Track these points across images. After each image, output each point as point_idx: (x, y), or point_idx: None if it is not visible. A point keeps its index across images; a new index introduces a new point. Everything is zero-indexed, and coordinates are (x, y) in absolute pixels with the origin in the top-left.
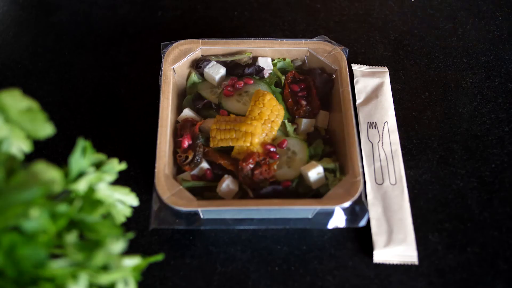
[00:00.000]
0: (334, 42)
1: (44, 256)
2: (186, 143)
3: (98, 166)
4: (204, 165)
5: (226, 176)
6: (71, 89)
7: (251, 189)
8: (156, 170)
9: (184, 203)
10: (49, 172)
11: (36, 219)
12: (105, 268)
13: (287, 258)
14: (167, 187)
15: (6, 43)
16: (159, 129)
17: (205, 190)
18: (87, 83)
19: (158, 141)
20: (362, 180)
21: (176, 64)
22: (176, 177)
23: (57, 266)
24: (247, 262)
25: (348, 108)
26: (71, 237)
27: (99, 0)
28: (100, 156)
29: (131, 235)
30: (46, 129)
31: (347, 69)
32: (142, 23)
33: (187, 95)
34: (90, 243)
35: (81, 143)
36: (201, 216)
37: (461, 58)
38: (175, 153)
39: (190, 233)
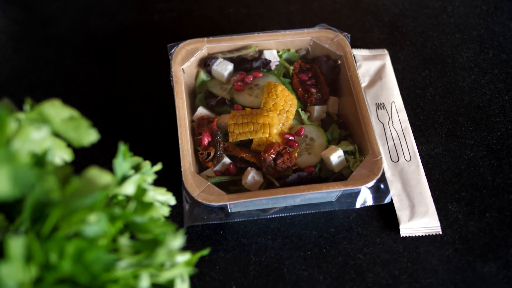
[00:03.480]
0: (335, 29)
1: (113, 259)
2: (206, 140)
3: (136, 168)
4: (226, 160)
5: (249, 168)
6: (80, 99)
7: (276, 178)
8: (182, 169)
9: (215, 198)
10: (103, 177)
11: (97, 223)
12: (162, 266)
13: (317, 241)
14: (196, 185)
15: (7, 59)
16: (179, 129)
17: (230, 185)
18: (95, 91)
19: (180, 141)
20: (385, 159)
21: (185, 64)
22: (200, 174)
23: (122, 268)
24: (279, 250)
25: (358, 91)
26: (125, 240)
27: (94, 9)
28: (137, 159)
29: (182, 231)
30: (90, 136)
31: (352, 54)
32: (141, 27)
33: (198, 94)
34: (147, 243)
35: (122, 147)
36: (229, 210)
37: (454, 35)
38: (195, 151)
39: (220, 227)
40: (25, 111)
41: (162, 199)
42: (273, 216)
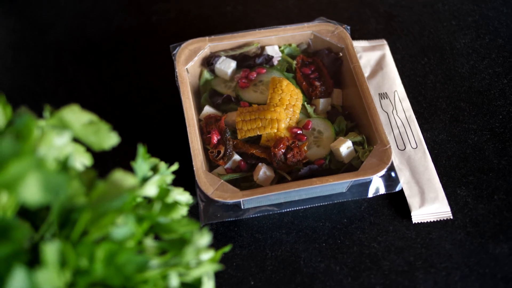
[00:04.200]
0: (335, 21)
1: (145, 260)
2: (215, 138)
3: (153, 169)
4: (236, 157)
5: (260, 164)
6: (84, 105)
7: (287, 172)
8: (194, 168)
9: (229, 195)
10: (128, 180)
11: (126, 225)
12: (189, 264)
13: (331, 233)
14: (209, 183)
15: (7, 69)
16: (188, 129)
17: (241, 181)
18: (98, 96)
19: (190, 141)
20: (392, 147)
21: (189, 64)
22: (211, 172)
23: (152, 268)
24: (294, 243)
25: (363, 82)
26: (150, 241)
27: (91, 13)
28: (154, 160)
29: (206, 230)
30: (111, 139)
31: (353, 46)
32: (139, 30)
33: (202, 93)
34: (173, 242)
35: (141, 149)
36: (242, 207)
37: (450, 22)
38: (204, 150)
39: (234, 224)
40: (45, 118)
41: (181, 199)
42: (286, 210)
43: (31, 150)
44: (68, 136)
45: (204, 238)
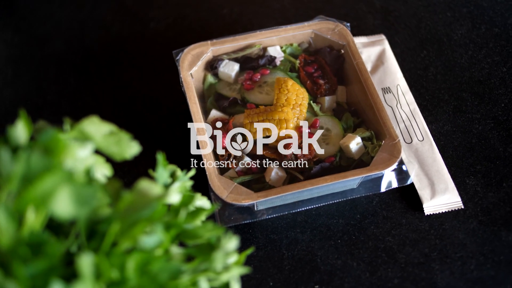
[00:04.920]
0: (334, 19)
1: (178, 267)
2: (224, 142)
3: (172, 176)
4: (247, 159)
5: (271, 165)
6: (88, 115)
7: (299, 172)
8: (207, 173)
9: (244, 198)
10: (154, 189)
11: (156, 234)
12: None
13: (345, 229)
14: (223, 187)
15: (8, 83)
16: (198, 134)
17: (253, 183)
18: (103, 106)
19: (200, 146)
20: (401, 141)
21: (193, 69)
22: (222, 176)
23: (184, 275)
24: (310, 241)
25: (367, 78)
26: (176, 248)
27: (88, 23)
28: (172, 167)
29: (231, 234)
30: (132, 148)
31: (355, 42)
32: (137, 37)
33: (208, 97)
34: (201, 248)
35: (160, 157)
36: (255, 208)
37: (445, 13)
38: (214, 154)
39: (248, 226)
40: (65, 131)
41: (200, 204)
42: (301, 209)
43: (60, 164)
44: (91, 148)
45: (232, 242)
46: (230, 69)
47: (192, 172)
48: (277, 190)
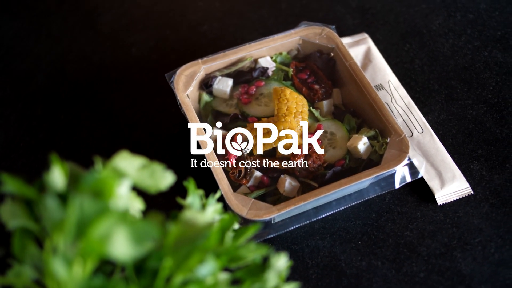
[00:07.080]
0: (319, 23)
1: None
2: (232, 159)
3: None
4: (257, 173)
5: (283, 176)
6: (86, 149)
7: (311, 179)
8: (222, 192)
9: (264, 212)
10: (200, 217)
11: (209, 263)
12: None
13: (364, 230)
14: (241, 204)
15: None
16: (206, 155)
17: (267, 196)
18: (99, 139)
19: (210, 165)
20: (407, 136)
21: (188, 90)
22: (235, 193)
23: None
24: (331, 247)
25: (362, 77)
26: (223, 274)
27: (68, 56)
28: (199, 191)
29: (279, 252)
30: (167, 179)
31: (343, 44)
32: (120, 64)
33: (205, 116)
34: (250, 270)
35: (191, 183)
36: (272, 221)
37: (420, 6)
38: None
39: (267, 241)
40: (98, 170)
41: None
42: (321, 217)
43: (114, 204)
44: (128, 184)
45: (281, 260)
46: (225, 85)
47: (218, 194)
48: (295, 200)
